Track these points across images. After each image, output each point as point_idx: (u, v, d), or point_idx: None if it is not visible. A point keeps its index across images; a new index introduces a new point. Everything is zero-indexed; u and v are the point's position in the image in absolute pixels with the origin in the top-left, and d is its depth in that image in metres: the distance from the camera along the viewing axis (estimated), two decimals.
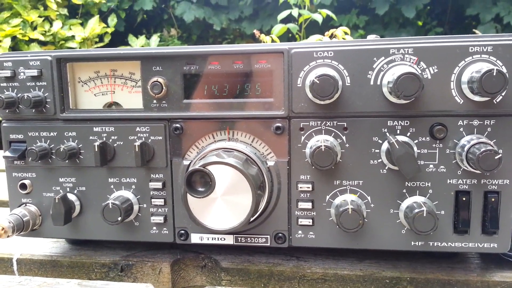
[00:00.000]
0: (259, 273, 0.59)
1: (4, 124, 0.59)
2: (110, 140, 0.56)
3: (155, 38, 3.77)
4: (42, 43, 3.33)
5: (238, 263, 0.60)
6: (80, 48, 3.53)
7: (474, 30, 3.77)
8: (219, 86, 0.55)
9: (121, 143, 0.56)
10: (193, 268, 0.63)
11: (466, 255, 0.59)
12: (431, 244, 0.53)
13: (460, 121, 0.51)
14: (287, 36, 3.48)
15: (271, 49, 0.53)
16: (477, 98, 0.49)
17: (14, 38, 3.12)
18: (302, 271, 0.58)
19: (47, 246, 0.66)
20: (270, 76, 0.53)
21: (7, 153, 0.58)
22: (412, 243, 0.54)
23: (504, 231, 0.52)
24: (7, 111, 0.57)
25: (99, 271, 0.62)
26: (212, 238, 0.57)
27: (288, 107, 0.53)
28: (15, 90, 0.57)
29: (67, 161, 0.56)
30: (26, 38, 3.14)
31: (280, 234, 0.56)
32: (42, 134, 0.57)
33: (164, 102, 0.55)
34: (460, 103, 0.50)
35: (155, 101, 0.55)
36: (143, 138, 0.56)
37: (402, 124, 0.52)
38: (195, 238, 0.57)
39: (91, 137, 0.57)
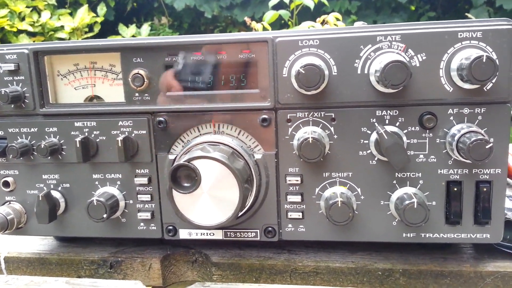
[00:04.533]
0: (250, 267, 0.58)
1: None
2: (92, 135, 0.55)
3: (145, 27, 3.72)
4: (31, 34, 3.28)
5: (228, 258, 0.59)
6: (69, 39, 3.48)
7: (466, 14, 3.75)
8: (203, 77, 0.53)
9: (104, 138, 0.55)
10: (184, 263, 0.62)
11: (459, 246, 0.58)
12: (423, 236, 0.52)
13: (450, 109, 0.50)
14: (279, 23, 3.45)
15: (255, 38, 0.51)
16: (467, 86, 0.48)
17: (2, 29, 3.07)
18: (294, 264, 0.57)
19: (35, 244, 0.65)
20: (255, 66, 0.52)
21: None
22: (404, 234, 0.53)
23: (496, 221, 0.51)
24: None
25: (88, 268, 0.61)
26: (201, 233, 0.56)
27: (274, 98, 0.51)
28: None
29: (49, 157, 0.55)
30: (15, 29, 3.09)
31: (270, 228, 0.55)
32: (22, 130, 0.56)
33: (147, 95, 0.54)
34: (450, 91, 0.49)
35: (137, 94, 0.54)
36: (126, 133, 0.54)
37: (391, 113, 0.51)
38: (183, 234, 0.56)
39: (72, 132, 0.55)
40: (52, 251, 0.63)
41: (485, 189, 0.50)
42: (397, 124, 0.51)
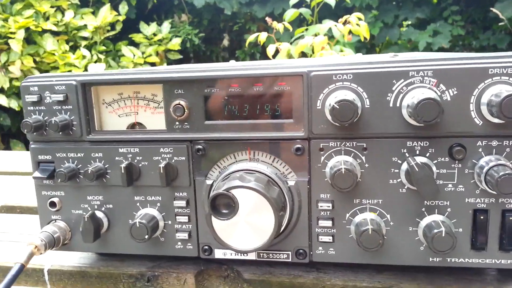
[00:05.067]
0: (280, 285, 0.61)
1: (33, 146, 0.61)
2: (135, 161, 0.58)
3: (166, 25, 3.77)
4: (55, 33, 3.36)
5: (259, 275, 0.62)
6: (92, 37, 3.55)
7: (491, 9, 3.68)
8: (239, 107, 0.56)
9: (146, 163, 0.58)
10: (216, 278, 0.65)
11: (483, 268, 0.60)
12: (448, 260, 0.55)
13: (479, 141, 0.51)
14: (299, 20, 3.45)
15: (291, 73, 0.53)
16: (496, 120, 0.50)
17: (27, 29, 3.14)
18: (322, 283, 0.60)
19: (75, 257, 0.69)
20: (289, 98, 0.54)
21: (37, 174, 0.60)
22: (430, 259, 0.55)
23: None
24: (35, 134, 0.59)
25: (127, 281, 0.64)
26: (236, 253, 0.59)
27: (308, 128, 0.54)
28: (42, 113, 0.59)
29: (95, 181, 0.58)
30: (39, 29, 3.17)
31: (301, 250, 0.58)
32: (69, 155, 0.60)
33: (186, 123, 0.57)
34: (479, 124, 0.51)
35: (177, 123, 0.57)
36: (167, 159, 0.57)
37: (422, 144, 0.53)
38: (218, 254, 0.60)
39: (117, 158, 0.59)
40: (92, 264, 0.67)
41: (511, 218, 0.52)
42: (427, 155, 0.53)
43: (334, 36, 2.69)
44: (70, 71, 3.40)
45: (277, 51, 2.86)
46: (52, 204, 0.61)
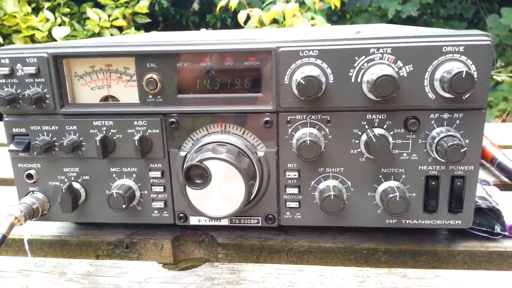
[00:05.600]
0: (252, 247, 0.65)
1: (6, 119, 0.61)
2: (110, 133, 0.60)
3: None
4: None
5: (232, 239, 0.66)
6: None
7: None
8: (211, 81, 0.58)
9: (120, 136, 0.60)
10: (192, 243, 0.69)
11: (435, 229, 0.67)
12: (403, 222, 0.60)
13: (432, 114, 0.56)
14: None
15: (260, 48, 0.56)
16: (447, 95, 0.54)
17: None
18: (290, 244, 0.65)
19: (54, 227, 0.71)
20: (259, 73, 0.57)
21: (12, 147, 0.61)
22: (387, 221, 0.60)
23: (467, 210, 0.59)
24: (8, 107, 0.59)
25: (106, 248, 0.68)
26: (209, 220, 0.63)
27: (276, 102, 0.57)
28: (14, 86, 0.59)
29: (70, 153, 0.60)
30: None
31: (270, 216, 0.62)
32: (43, 128, 0.61)
33: (159, 97, 0.59)
34: (432, 98, 0.55)
35: (150, 96, 0.59)
36: (141, 132, 0.59)
37: (380, 117, 0.57)
38: (193, 220, 0.63)
39: (91, 131, 0.60)
40: (71, 233, 0.69)
41: (458, 183, 0.58)
42: (384, 127, 0.57)
43: (306, 3, 2.69)
44: (33, 35, 3.27)
45: (248, 17, 2.83)
46: (29, 176, 0.63)
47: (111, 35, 3.85)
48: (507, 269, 0.60)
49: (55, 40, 3.39)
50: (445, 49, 0.53)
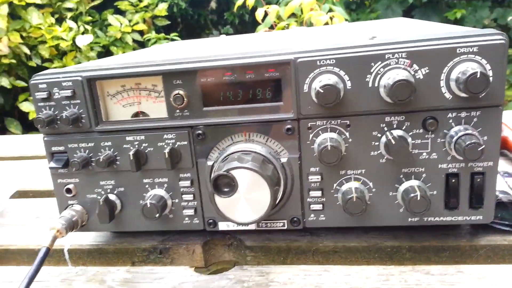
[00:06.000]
0: (279, 249, 0.68)
1: (46, 139, 0.66)
2: (142, 147, 0.64)
3: None
4: (39, 6, 3.31)
5: (260, 242, 0.69)
6: (77, 7, 3.50)
7: None
8: (234, 93, 0.61)
9: (152, 149, 0.64)
10: (221, 247, 0.72)
11: (458, 225, 0.68)
12: (425, 219, 0.62)
13: (450, 113, 0.57)
14: None
15: (279, 60, 0.58)
16: (463, 95, 0.55)
17: (10, 4, 3.10)
18: (316, 245, 0.67)
19: (91, 236, 0.76)
20: (279, 83, 0.60)
21: (52, 164, 0.66)
22: (409, 219, 0.62)
23: (488, 205, 0.60)
24: (47, 128, 0.64)
25: (141, 255, 0.72)
26: (237, 225, 0.66)
27: (297, 110, 0.60)
28: (52, 108, 0.64)
29: (106, 168, 0.64)
30: (23, 3, 3.12)
31: (295, 218, 0.65)
32: (80, 145, 0.65)
33: (186, 111, 0.62)
34: (449, 98, 0.56)
35: (178, 111, 0.62)
36: (171, 144, 0.63)
37: (398, 119, 0.59)
38: (222, 226, 0.67)
39: (124, 146, 0.64)
40: (108, 242, 0.74)
41: (478, 180, 0.59)
42: (403, 128, 0.59)
43: None
44: (58, 44, 3.38)
45: (266, 14, 2.85)
46: (68, 191, 0.68)
47: (133, 39, 3.94)
48: None
49: (79, 48, 3.50)
50: (459, 50, 0.55)
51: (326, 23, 2.65)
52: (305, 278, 0.61)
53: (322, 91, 0.55)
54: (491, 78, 0.54)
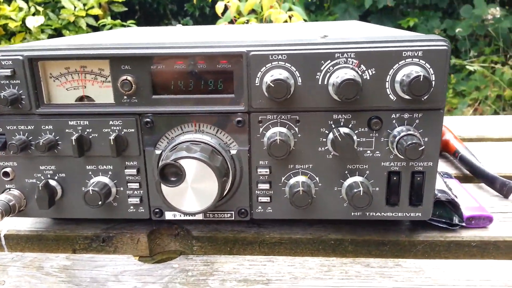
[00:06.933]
0: (225, 240, 0.69)
1: None
2: (86, 133, 0.62)
3: None
4: None
5: (207, 232, 0.69)
6: None
7: None
8: (185, 83, 0.60)
9: (96, 135, 0.62)
10: (168, 237, 0.72)
11: (398, 221, 0.71)
12: (367, 214, 0.64)
13: (393, 114, 0.60)
14: None
15: (232, 52, 0.58)
16: (407, 97, 0.58)
17: None
18: (262, 236, 0.68)
19: (30, 222, 0.73)
20: (231, 75, 0.59)
21: None
22: (352, 213, 0.64)
23: (426, 203, 0.63)
24: None
25: (82, 242, 0.70)
26: (184, 215, 0.65)
27: (248, 103, 0.60)
28: None
29: (46, 152, 0.61)
30: None
31: (243, 210, 0.65)
32: (20, 127, 0.62)
33: (134, 97, 0.61)
34: (393, 100, 0.59)
35: (125, 97, 0.61)
36: (117, 131, 0.61)
37: (345, 117, 0.60)
38: (169, 215, 0.66)
39: (67, 130, 0.62)
40: (48, 228, 0.71)
41: (418, 178, 0.62)
42: (350, 126, 0.60)
43: None
44: (6, 24, 3.19)
45: (226, 8, 2.83)
46: (5, 174, 0.64)
47: (87, 24, 3.79)
48: (464, 257, 0.65)
49: (29, 29, 3.32)
50: (405, 53, 0.57)
51: (285, 22, 2.67)
52: (250, 268, 0.61)
53: (273, 85, 0.56)
54: (433, 82, 0.57)
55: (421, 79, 0.54)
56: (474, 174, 0.85)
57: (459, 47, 4.12)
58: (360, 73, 0.57)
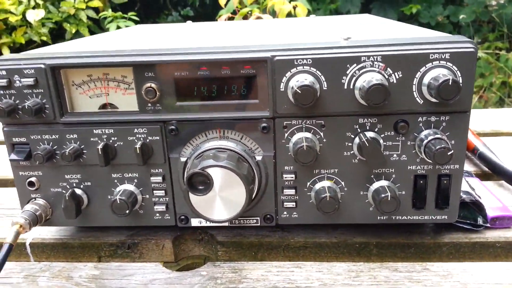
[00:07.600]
0: (251, 244, 0.69)
1: (6, 129, 0.62)
2: (111, 141, 0.61)
3: None
4: None
5: (231, 237, 0.69)
6: None
7: None
8: (209, 89, 0.60)
9: (121, 143, 0.61)
10: (192, 242, 0.72)
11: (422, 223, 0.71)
12: (393, 218, 0.64)
13: (420, 117, 0.59)
14: None
15: (256, 57, 0.57)
16: (434, 100, 0.57)
17: None
18: (287, 241, 0.68)
19: (55, 230, 0.73)
20: (255, 80, 0.59)
21: (13, 156, 0.62)
22: (378, 217, 0.64)
23: (453, 206, 0.63)
24: (7, 117, 0.60)
25: (108, 249, 0.70)
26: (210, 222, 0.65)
27: (273, 109, 0.59)
28: (13, 97, 0.60)
29: (72, 162, 0.61)
30: None
31: (268, 215, 0.65)
32: (44, 137, 0.62)
33: (158, 105, 0.60)
34: (420, 103, 0.58)
35: (149, 104, 0.60)
36: (142, 139, 0.61)
37: (371, 121, 0.60)
38: (194, 222, 0.66)
39: (92, 139, 0.61)
40: (73, 236, 0.71)
41: (445, 182, 0.62)
42: (376, 130, 0.60)
43: None
44: (6, 18, 3.17)
45: None
46: (31, 184, 0.64)
47: (88, 16, 3.76)
48: (489, 259, 0.65)
49: (30, 23, 3.30)
50: (432, 56, 0.56)
51: (289, 12, 2.65)
52: (278, 274, 0.61)
53: (299, 91, 0.55)
54: (461, 85, 0.56)
55: (450, 83, 0.54)
56: (493, 171, 0.85)
57: (463, 33, 4.09)
58: (386, 77, 0.57)
